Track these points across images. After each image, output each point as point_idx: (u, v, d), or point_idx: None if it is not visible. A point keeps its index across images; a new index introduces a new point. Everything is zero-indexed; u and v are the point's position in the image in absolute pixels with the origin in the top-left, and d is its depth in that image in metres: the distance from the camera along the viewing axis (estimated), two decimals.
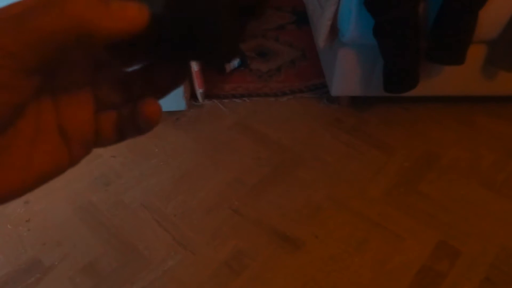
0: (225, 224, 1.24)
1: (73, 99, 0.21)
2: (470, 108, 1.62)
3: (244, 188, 1.34)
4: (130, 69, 0.23)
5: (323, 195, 1.32)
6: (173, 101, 1.54)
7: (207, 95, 1.69)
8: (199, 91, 1.63)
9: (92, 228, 1.24)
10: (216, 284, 1.10)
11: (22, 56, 0.16)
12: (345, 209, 1.27)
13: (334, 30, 1.37)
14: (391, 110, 1.62)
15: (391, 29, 1.22)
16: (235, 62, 1.79)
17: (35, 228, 1.24)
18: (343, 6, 1.29)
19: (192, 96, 1.66)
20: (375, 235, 1.20)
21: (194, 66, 1.56)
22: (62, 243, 1.20)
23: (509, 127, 1.55)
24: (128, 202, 1.30)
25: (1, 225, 1.25)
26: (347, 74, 1.47)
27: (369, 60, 1.41)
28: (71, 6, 0.16)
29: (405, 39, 1.24)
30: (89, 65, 0.22)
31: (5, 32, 0.15)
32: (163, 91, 0.23)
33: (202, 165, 1.42)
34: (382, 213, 1.26)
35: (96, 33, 0.17)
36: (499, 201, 1.29)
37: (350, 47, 1.39)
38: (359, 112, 1.62)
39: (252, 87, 1.74)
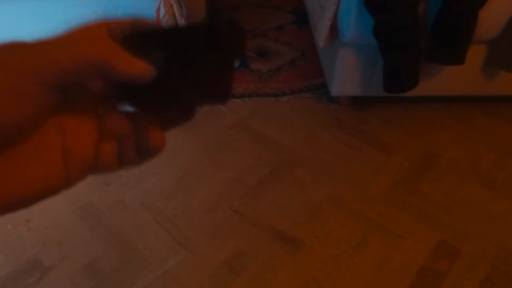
0: (225, 224, 1.24)
1: (79, 126, 0.23)
2: (470, 108, 1.62)
3: (244, 188, 1.34)
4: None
5: (323, 195, 1.32)
6: None
7: None
8: None
9: (92, 228, 1.24)
10: (216, 284, 1.10)
11: (48, 75, 0.19)
12: (345, 209, 1.27)
13: (334, 30, 1.37)
14: (391, 110, 1.62)
15: (391, 29, 1.22)
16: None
17: (35, 228, 1.24)
18: (343, 6, 1.29)
19: None
20: (375, 235, 1.20)
21: None
22: (62, 243, 1.20)
23: (509, 127, 1.55)
24: (128, 202, 1.30)
25: (1, 225, 1.25)
26: (347, 74, 1.47)
27: (369, 60, 1.41)
28: (97, 46, 0.21)
29: (405, 39, 1.24)
30: (99, 97, 0.24)
31: (42, 57, 0.19)
32: (169, 125, 0.26)
33: (202, 165, 1.42)
34: (382, 213, 1.26)
35: (111, 71, 0.21)
36: (499, 201, 1.29)
37: (350, 47, 1.39)
38: (359, 112, 1.62)
39: (252, 87, 1.74)
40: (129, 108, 0.25)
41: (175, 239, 1.20)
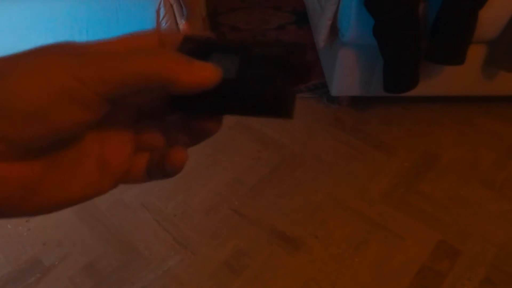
0: (225, 224, 1.24)
1: (117, 135, 0.23)
2: (470, 108, 1.62)
3: (244, 188, 1.34)
4: (171, 117, 0.25)
5: (323, 195, 1.32)
6: None
7: None
8: None
9: (92, 228, 1.24)
10: (216, 284, 1.10)
11: (109, 86, 0.18)
12: (345, 209, 1.27)
13: (334, 30, 1.37)
14: (391, 110, 1.62)
15: (391, 29, 1.22)
16: None
17: (35, 228, 1.24)
18: (343, 6, 1.29)
19: None
20: (375, 235, 1.20)
21: None
22: (62, 243, 1.20)
23: (509, 127, 1.55)
24: (128, 202, 1.30)
25: (1, 225, 1.25)
26: (347, 74, 1.47)
27: (369, 60, 1.41)
28: (160, 59, 0.19)
29: (405, 39, 1.24)
30: (136, 108, 0.24)
31: (104, 66, 0.18)
32: (196, 140, 0.25)
33: (202, 165, 1.42)
34: (382, 213, 1.26)
35: (174, 84, 0.19)
36: (499, 201, 1.29)
37: (350, 47, 1.39)
38: (359, 112, 1.62)
39: None
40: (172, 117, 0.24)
41: (175, 239, 1.20)
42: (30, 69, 0.17)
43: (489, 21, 1.27)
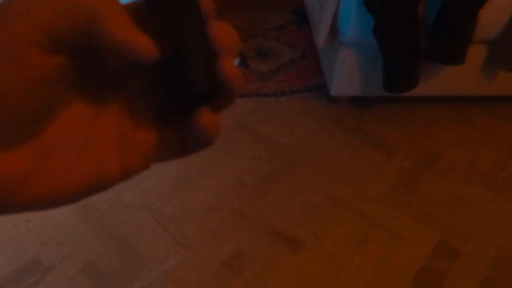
0: (225, 224, 1.24)
1: (136, 106, 0.21)
2: (470, 108, 1.62)
3: (244, 188, 1.34)
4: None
5: (323, 195, 1.32)
6: None
7: None
8: None
9: (92, 228, 1.24)
10: (216, 284, 1.10)
11: (35, 28, 0.15)
12: (345, 209, 1.27)
13: (334, 30, 1.37)
14: (391, 110, 1.62)
15: (391, 29, 1.22)
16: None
17: (35, 228, 1.24)
18: (343, 6, 1.29)
19: None
20: (375, 235, 1.20)
21: None
22: (62, 243, 1.20)
23: (509, 127, 1.55)
24: (128, 202, 1.30)
25: (1, 225, 1.25)
26: (347, 74, 1.47)
27: (369, 60, 1.41)
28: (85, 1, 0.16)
29: (405, 39, 1.24)
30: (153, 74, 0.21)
31: (23, 7, 0.16)
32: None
33: (202, 165, 1.42)
34: (382, 213, 1.26)
35: (101, 32, 0.16)
36: (499, 201, 1.29)
37: (350, 47, 1.39)
38: (359, 112, 1.62)
39: (252, 87, 1.73)
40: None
41: (175, 239, 1.20)
42: None
43: (489, 21, 1.27)
